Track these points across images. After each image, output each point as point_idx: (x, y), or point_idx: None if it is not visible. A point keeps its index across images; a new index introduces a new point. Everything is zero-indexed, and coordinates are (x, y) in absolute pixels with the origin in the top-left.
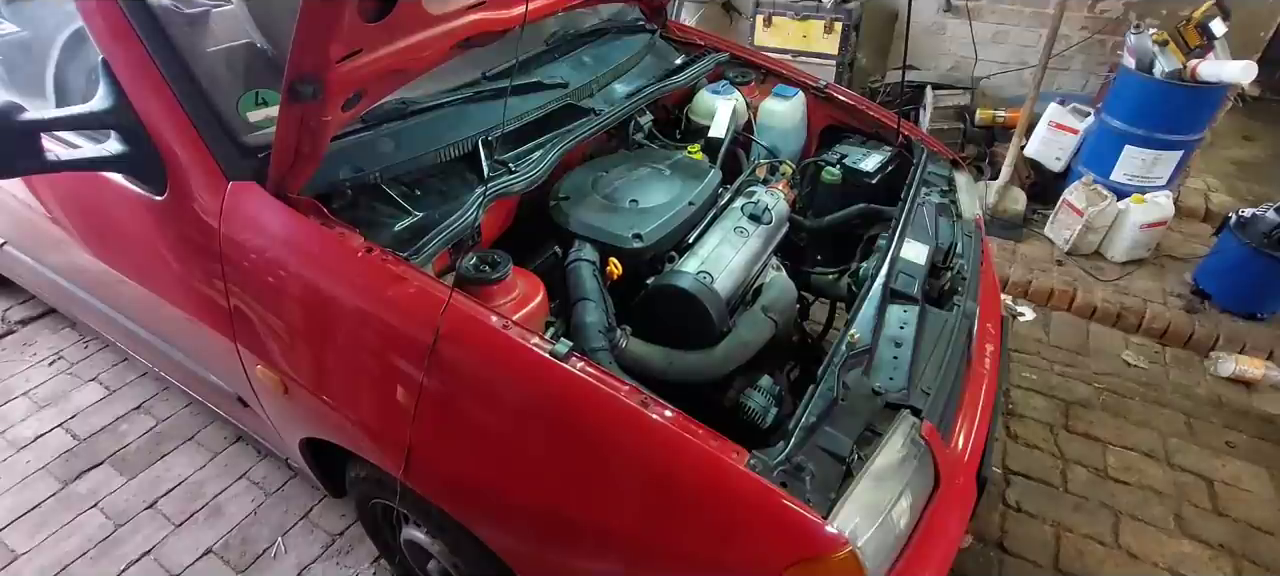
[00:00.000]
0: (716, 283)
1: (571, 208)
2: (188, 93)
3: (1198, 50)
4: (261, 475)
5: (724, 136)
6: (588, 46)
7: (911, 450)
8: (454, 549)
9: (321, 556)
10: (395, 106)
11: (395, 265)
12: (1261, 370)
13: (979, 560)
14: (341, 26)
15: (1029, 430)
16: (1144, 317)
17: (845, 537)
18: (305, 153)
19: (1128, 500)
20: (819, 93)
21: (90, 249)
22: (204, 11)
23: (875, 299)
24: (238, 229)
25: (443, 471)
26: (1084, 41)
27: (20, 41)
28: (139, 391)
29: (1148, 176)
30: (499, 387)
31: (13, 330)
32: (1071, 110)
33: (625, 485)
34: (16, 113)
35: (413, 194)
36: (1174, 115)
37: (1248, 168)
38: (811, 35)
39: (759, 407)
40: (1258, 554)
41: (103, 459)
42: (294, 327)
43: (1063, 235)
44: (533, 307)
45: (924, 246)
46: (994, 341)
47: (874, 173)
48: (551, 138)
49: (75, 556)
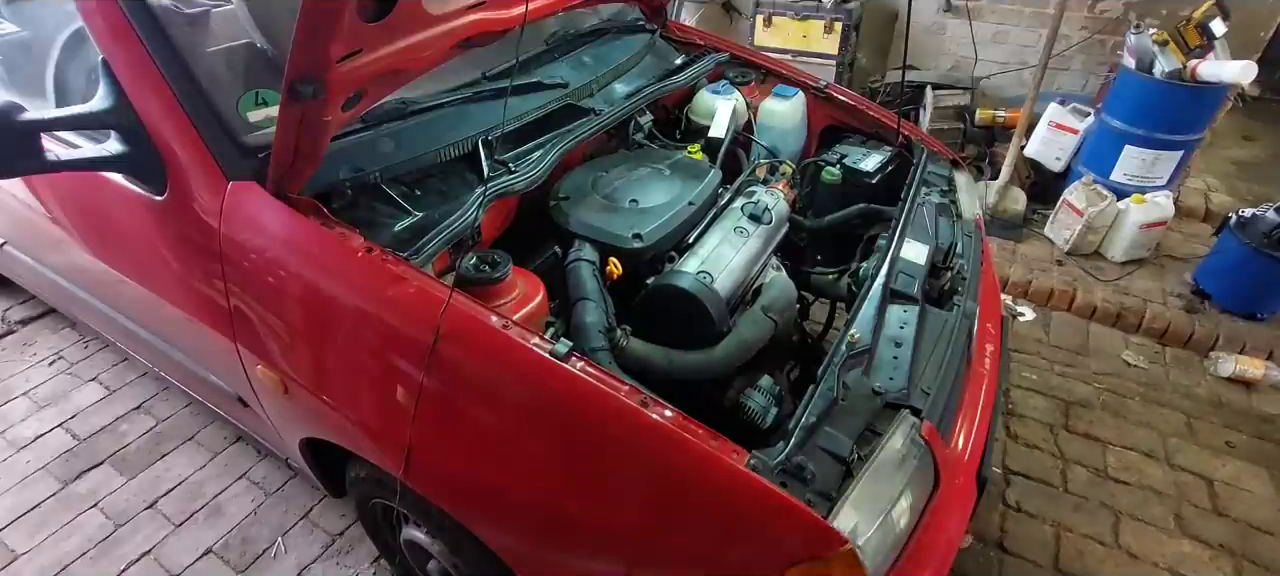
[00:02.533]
0: (716, 282)
1: (571, 208)
2: (188, 93)
3: (1198, 50)
4: (261, 475)
5: (724, 136)
6: (588, 46)
7: (911, 450)
8: (454, 549)
9: (321, 556)
10: (395, 106)
11: (395, 265)
12: (1261, 370)
13: (979, 560)
14: (341, 26)
15: (1029, 430)
16: (1144, 317)
17: (845, 537)
18: (305, 153)
19: (1128, 500)
20: (819, 93)
21: (90, 249)
22: (204, 11)
23: (875, 299)
24: (238, 229)
25: (443, 471)
26: (1084, 41)
27: (20, 41)
28: (139, 391)
29: (1148, 176)
30: (499, 387)
31: (13, 330)
32: (1071, 110)
33: (625, 485)
34: (16, 113)
35: (413, 194)
36: (1174, 115)
37: (1248, 168)
38: (811, 35)
39: (759, 407)
40: (1258, 554)
41: (103, 459)
42: (294, 327)
43: (1063, 235)
44: (533, 308)
45: (924, 246)
46: (994, 341)
47: (874, 173)
48: (551, 138)
49: (75, 556)
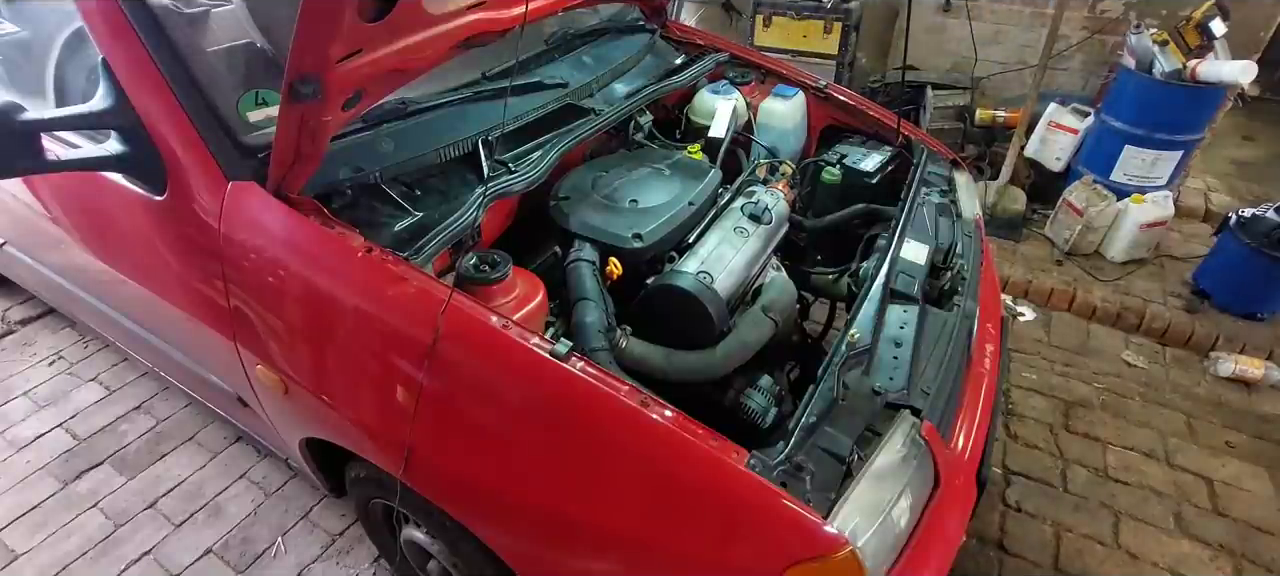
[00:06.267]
0: (716, 282)
1: (571, 208)
2: (188, 93)
3: (1198, 50)
4: (261, 475)
5: (724, 136)
6: (588, 46)
7: (911, 450)
8: (454, 549)
9: (321, 556)
10: (395, 106)
11: (395, 265)
12: (1261, 370)
13: (979, 560)
14: (341, 26)
15: (1029, 430)
16: (1144, 317)
17: (845, 537)
18: (305, 153)
19: (1128, 500)
20: (819, 93)
21: (90, 249)
22: (204, 11)
23: (875, 299)
24: (237, 229)
25: (443, 471)
26: (1084, 41)
27: (20, 41)
28: (139, 391)
29: (1148, 176)
30: (499, 387)
31: (13, 330)
32: (1071, 110)
33: (625, 485)
34: (16, 113)
35: (413, 194)
36: (1174, 115)
37: (1248, 168)
38: (811, 35)
39: (759, 407)
40: (1258, 554)
41: (103, 459)
42: (294, 327)
43: (1063, 235)
44: (533, 308)
45: (924, 246)
46: (994, 341)
47: (874, 173)
48: (551, 138)
49: (75, 556)
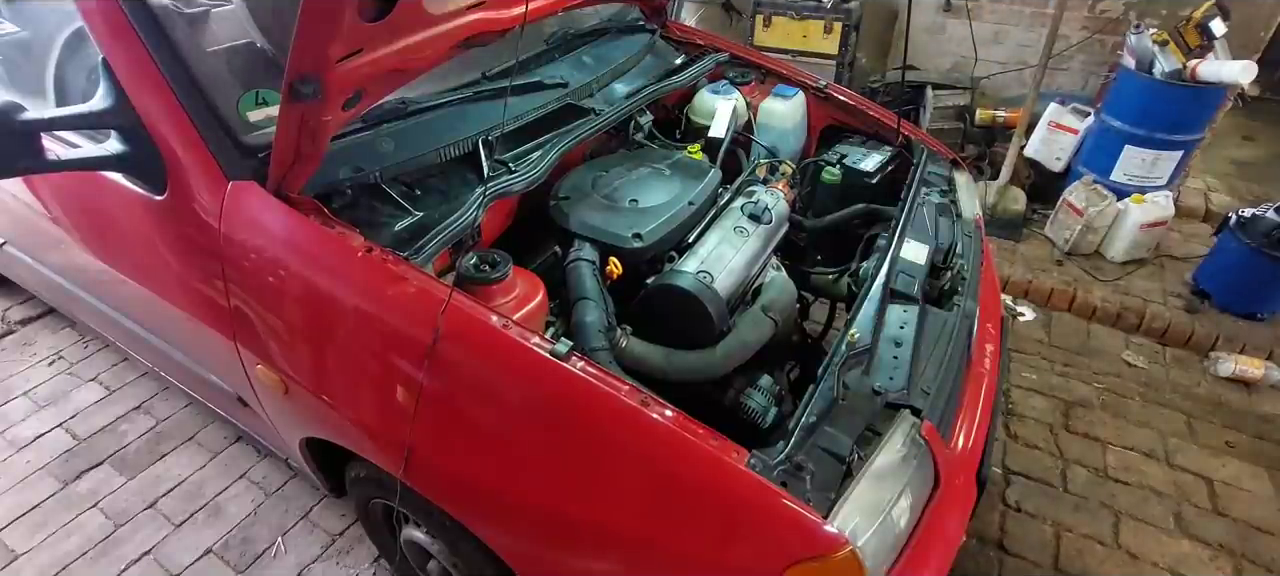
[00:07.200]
0: (716, 282)
1: (571, 207)
2: (188, 93)
3: (1198, 50)
4: (261, 475)
5: (724, 136)
6: (588, 46)
7: (911, 450)
8: (454, 549)
9: (321, 556)
10: (395, 106)
11: (395, 265)
12: (1261, 370)
13: (979, 560)
14: (341, 26)
15: (1029, 430)
16: (1144, 317)
17: (845, 537)
18: (305, 152)
19: (1128, 500)
20: (819, 93)
21: (90, 249)
22: (204, 11)
23: (875, 299)
24: (238, 229)
25: (443, 471)
26: (1084, 41)
27: (20, 41)
28: (139, 391)
29: (1148, 176)
30: (499, 387)
31: (13, 330)
32: (1071, 110)
33: (625, 485)
34: (16, 112)
35: (413, 194)
36: (1174, 115)
37: (1248, 168)
38: (811, 35)
39: (759, 407)
40: (1258, 554)
41: (103, 459)
42: (294, 327)
43: (1063, 235)
44: (533, 307)
45: (924, 246)
46: (994, 341)
47: (874, 173)
48: (551, 138)
49: (75, 556)
